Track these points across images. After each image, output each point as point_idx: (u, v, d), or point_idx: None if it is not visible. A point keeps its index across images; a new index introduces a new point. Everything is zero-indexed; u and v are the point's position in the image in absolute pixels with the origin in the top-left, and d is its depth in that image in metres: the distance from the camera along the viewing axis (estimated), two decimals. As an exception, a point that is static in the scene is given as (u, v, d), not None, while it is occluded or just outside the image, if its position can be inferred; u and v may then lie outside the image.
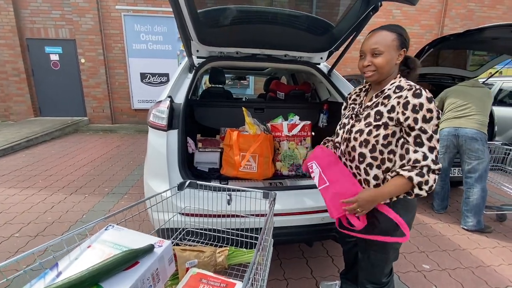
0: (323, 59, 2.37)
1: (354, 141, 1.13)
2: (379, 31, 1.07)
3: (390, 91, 1.06)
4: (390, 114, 1.03)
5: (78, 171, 4.02)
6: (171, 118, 1.67)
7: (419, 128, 0.97)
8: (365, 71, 1.09)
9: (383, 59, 1.04)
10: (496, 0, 7.74)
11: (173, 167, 1.67)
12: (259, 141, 1.74)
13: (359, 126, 1.12)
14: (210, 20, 1.95)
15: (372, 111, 1.10)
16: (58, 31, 6.96)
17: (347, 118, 1.23)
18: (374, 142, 1.06)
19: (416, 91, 0.98)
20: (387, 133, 1.04)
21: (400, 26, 1.08)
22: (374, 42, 1.05)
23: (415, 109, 0.96)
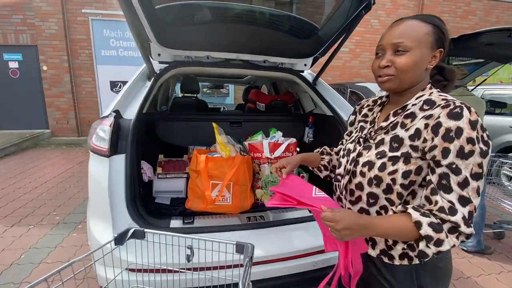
0: (307, 66, 2.08)
1: (361, 177, 0.80)
2: (408, 20, 0.74)
3: (416, 108, 0.74)
4: (413, 141, 0.71)
5: (28, 195, 3.44)
6: (115, 139, 1.28)
7: (448, 165, 0.64)
8: (380, 74, 0.76)
9: (409, 58, 0.71)
10: (468, 11, 8.03)
11: (118, 205, 1.27)
12: (234, 167, 1.38)
13: (369, 156, 0.80)
14: (173, 18, 1.60)
15: (387, 136, 0.78)
16: (19, 37, 6.31)
17: (352, 142, 0.90)
18: (389, 181, 0.74)
19: (455, 109, 0.65)
20: (408, 169, 0.71)
21: (438, 17, 0.76)
22: (399, 33, 0.72)
23: (449, 135, 0.64)
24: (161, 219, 1.36)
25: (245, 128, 2.13)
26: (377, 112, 0.90)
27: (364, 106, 0.98)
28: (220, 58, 1.91)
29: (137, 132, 1.41)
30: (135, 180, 1.35)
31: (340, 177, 0.89)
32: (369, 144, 0.83)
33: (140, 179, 1.50)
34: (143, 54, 1.58)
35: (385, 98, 0.92)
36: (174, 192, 1.64)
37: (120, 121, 1.34)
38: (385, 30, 0.78)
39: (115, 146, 1.28)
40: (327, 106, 1.88)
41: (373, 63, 0.80)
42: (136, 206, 1.32)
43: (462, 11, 8.03)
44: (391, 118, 0.80)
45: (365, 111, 0.96)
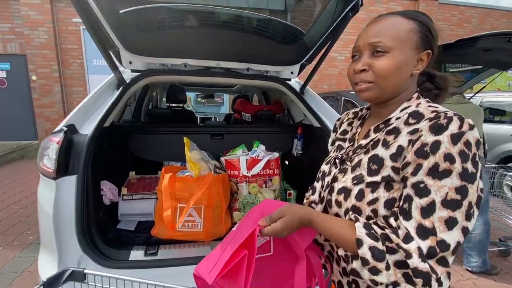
0: (294, 73, 1.94)
1: (336, 207, 0.65)
2: (388, 16, 0.62)
3: (400, 122, 0.60)
4: (395, 161, 0.57)
5: (3, 212, 3.24)
6: (64, 158, 1.11)
7: (415, 184, 0.52)
8: (357, 81, 0.63)
9: (389, 60, 0.58)
10: (463, 19, 8.03)
11: (67, 234, 1.09)
12: (204, 187, 1.21)
13: (344, 181, 0.65)
14: (142, 23, 1.46)
15: (365, 156, 0.63)
16: (7, 46, 6.20)
17: (328, 164, 0.74)
18: (369, 212, 0.59)
19: (441, 120, 0.52)
20: (392, 196, 0.57)
21: (424, 14, 0.63)
22: (376, 31, 0.60)
23: (423, 150, 0.52)
24: (121, 249, 1.18)
25: (228, 141, 1.97)
26: (357, 127, 0.74)
27: (344, 120, 0.81)
28: (199, 66, 1.76)
29: (96, 148, 1.24)
30: (91, 204, 1.18)
31: (315, 205, 0.72)
32: (345, 166, 0.68)
33: (101, 202, 1.33)
34: (109, 62, 1.43)
35: (365, 110, 0.76)
36: (142, 215, 1.46)
37: (73, 137, 1.18)
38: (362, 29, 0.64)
39: (64, 167, 1.11)
40: (314, 117, 1.72)
41: (349, 68, 0.65)
42: (90, 235, 1.14)
43: (457, 19, 8.04)
44: (372, 134, 0.65)
45: (345, 127, 0.80)
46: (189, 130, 1.89)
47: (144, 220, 1.46)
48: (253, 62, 1.81)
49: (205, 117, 4.62)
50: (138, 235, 1.28)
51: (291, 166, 2.18)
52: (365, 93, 0.62)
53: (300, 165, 2.06)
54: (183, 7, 1.52)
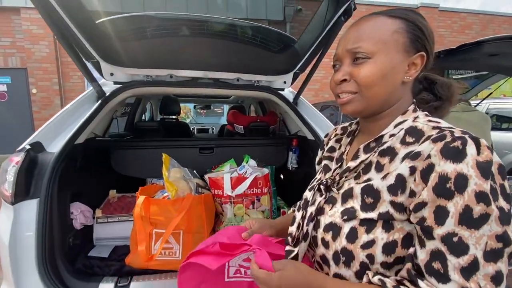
0: (287, 83, 1.84)
1: (323, 247, 0.53)
2: (370, 17, 0.53)
3: (395, 140, 0.50)
4: (395, 195, 0.45)
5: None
6: (25, 180, 1.00)
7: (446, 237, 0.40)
8: (339, 93, 0.54)
9: (372, 67, 0.49)
10: (464, 25, 7.97)
11: (26, 265, 0.97)
12: (183, 210, 1.08)
13: (332, 215, 0.53)
14: (121, 33, 1.38)
15: (357, 185, 0.51)
16: (8, 60, 6.27)
17: (311, 190, 0.61)
18: (364, 258, 0.47)
19: (453, 143, 0.41)
20: (392, 239, 0.46)
21: (414, 11, 0.53)
22: (356, 36, 0.52)
23: (445, 187, 0.40)
24: (89, 281, 1.05)
25: (218, 155, 1.85)
26: (346, 145, 0.63)
27: (332, 136, 0.70)
28: (186, 76, 1.67)
29: (66, 167, 1.13)
30: (56, 230, 1.06)
31: (291, 240, 0.59)
32: (333, 195, 0.55)
33: (70, 226, 1.21)
34: (85, 74, 1.34)
35: (355, 125, 0.65)
36: (119, 239, 1.33)
37: (38, 155, 1.07)
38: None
39: (25, 190, 1.00)
40: (308, 129, 1.60)
41: (330, 79, 0.55)
42: (54, 267, 1.01)
43: (459, 25, 7.98)
44: (362, 155, 0.54)
45: (332, 143, 0.68)
46: (176, 144, 1.78)
47: (122, 244, 1.34)
48: (243, 71, 1.71)
49: (202, 128, 4.54)
50: (110, 264, 1.15)
51: (287, 181, 2.05)
52: (348, 105, 0.52)
53: (296, 180, 1.93)
54: (165, 16, 1.45)
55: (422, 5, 7.66)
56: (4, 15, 6.07)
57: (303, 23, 1.66)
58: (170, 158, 1.23)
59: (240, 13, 3.88)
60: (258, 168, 1.38)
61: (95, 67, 1.51)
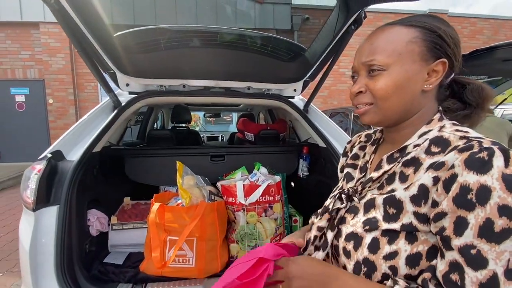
0: (297, 91, 1.85)
1: (344, 257, 0.52)
2: (385, 27, 0.52)
3: (420, 151, 0.49)
4: (418, 206, 0.44)
5: (8, 235, 3.22)
6: (46, 188, 1.03)
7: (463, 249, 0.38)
8: (356, 104, 0.55)
9: (386, 80, 0.49)
10: (475, 31, 7.86)
11: (45, 271, 0.99)
12: (197, 218, 1.09)
13: (354, 225, 0.52)
14: (138, 44, 1.43)
15: (380, 196, 0.50)
16: (26, 72, 6.55)
17: (331, 198, 0.61)
18: (386, 270, 0.45)
19: (479, 153, 0.39)
20: (416, 251, 0.44)
21: (433, 16, 0.52)
22: (370, 48, 0.51)
23: (465, 198, 0.39)
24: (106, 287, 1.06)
25: (229, 162, 1.87)
26: (370, 153, 0.62)
27: (356, 143, 0.69)
28: (198, 86, 1.71)
29: (84, 175, 1.17)
30: (74, 237, 1.09)
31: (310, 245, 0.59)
32: (355, 204, 0.55)
33: (87, 233, 1.23)
34: (103, 85, 1.39)
35: (379, 133, 0.64)
36: (134, 246, 1.35)
37: (59, 164, 1.11)
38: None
39: (45, 197, 1.03)
40: (319, 136, 1.60)
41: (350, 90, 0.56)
42: (72, 273, 1.03)
43: (469, 31, 7.88)
44: (385, 165, 0.53)
45: (356, 151, 0.67)
46: (187, 152, 1.81)
47: (136, 251, 1.35)
48: (254, 80, 1.74)
49: (212, 136, 4.58)
50: (125, 271, 1.16)
51: (298, 189, 2.04)
52: (365, 116, 0.53)
53: (307, 188, 1.92)
54: (178, 28, 1.50)
55: (430, 11, 7.63)
56: (24, 29, 6.37)
57: (310, 31, 1.69)
58: (184, 166, 1.25)
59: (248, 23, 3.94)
60: (270, 176, 1.39)
61: (111, 78, 1.57)
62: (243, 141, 2.34)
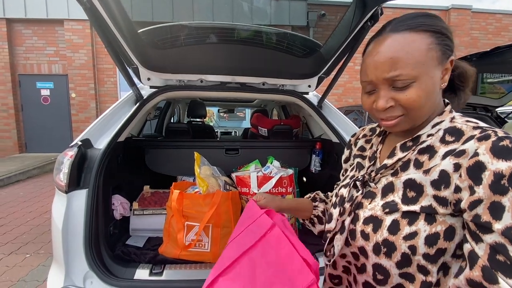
0: (312, 87, 1.87)
1: (362, 240, 0.55)
2: (394, 36, 0.51)
3: (434, 140, 0.52)
4: (438, 190, 0.47)
5: (35, 220, 3.44)
6: (77, 172, 1.12)
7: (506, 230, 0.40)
8: (384, 118, 0.54)
9: (418, 91, 0.49)
10: (500, 27, 7.50)
11: (75, 248, 1.08)
12: (214, 205, 1.16)
13: (372, 208, 0.55)
14: (159, 41, 1.51)
15: (397, 179, 0.54)
16: (51, 67, 6.87)
17: (347, 187, 0.64)
18: (406, 249, 0.49)
19: (501, 141, 0.43)
20: (435, 231, 0.47)
21: (429, 14, 0.53)
22: (391, 62, 0.50)
23: (500, 183, 0.41)
24: (127, 267, 1.15)
25: (243, 156, 1.92)
26: (377, 144, 0.65)
27: (360, 136, 0.73)
28: (214, 81, 1.77)
29: (109, 162, 1.25)
30: (101, 218, 1.18)
31: (330, 233, 0.63)
32: (371, 190, 0.58)
33: (111, 216, 1.33)
34: (126, 79, 1.48)
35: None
36: (153, 231, 1.43)
37: (88, 151, 1.20)
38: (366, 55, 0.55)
39: (76, 180, 1.12)
40: (332, 132, 1.63)
41: (365, 101, 0.57)
42: (98, 251, 1.13)
43: (494, 27, 7.53)
44: (399, 153, 0.55)
45: (362, 143, 0.71)
46: (204, 145, 1.88)
47: (155, 236, 1.44)
48: (269, 76, 1.78)
49: (225, 131, 4.67)
50: (145, 252, 1.25)
51: (309, 184, 2.07)
52: (396, 127, 0.54)
53: (319, 183, 1.94)
54: (198, 25, 1.56)
55: (453, 6, 7.34)
56: (50, 26, 6.68)
57: (326, 28, 1.70)
58: (201, 156, 1.31)
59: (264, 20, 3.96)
60: (283, 169, 1.43)
61: (134, 73, 1.65)
62: (256, 136, 2.39)
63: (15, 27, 6.65)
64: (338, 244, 0.60)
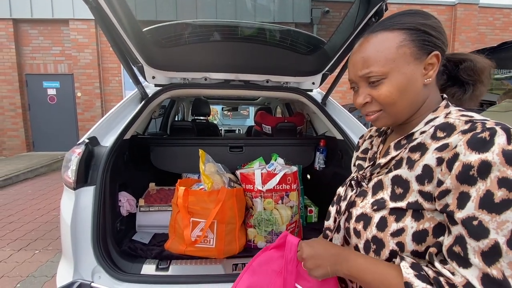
0: (316, 84, 1.87)
1: (355, 237, 0.56)
2: (369, 36, 0.53)
3: (425, 136, 0.51)
4: (423, 184, 0.47)
5: (43, 217, 3.50)
6: (84, 169, 1.15)
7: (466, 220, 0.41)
8: (366, 113, 0.57)
9: (389, 87, 0.51)
10: (508, 22, 7.37)
11: (83, 244, 1.11)
12: (219, 202, 1.17)
13: (363, 206, 0.56)
14: (164, 39, 1.52)
15: (386, 177, 0.54)
16: (57, 66, 6.94)
17: (343, 186, 0.66)
18: (394, 246, 0.49)
19: (481, 133, 0.42)
20: (422, 228, 0.47)
21: (414, 11, 0.54)
22: (362, 62, 0.53)
23: (468, 174, 0.41)
24: (134, 262, 1.17)
25: (247, 153, 1.93)
26: (378, 145, 0.65)
27: (366, 138, 0.73)
28: (219, 79, 1.78)
29: (116, 160, 1.27)
30: (108, 215, 1.20)
31: (329, 232, 0.64)
32: (364, 188, 0.59)
33: (118, 213, 1.35)
34: (132, 77, 1.49)
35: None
36: (158, 227, 1.45)
37: (95, 149, 1.22)
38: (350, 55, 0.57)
39: (84, 177, 1.15)
40: (337, 129, 1.63)
41: (353, 98, 0.58)
42: (105, 246, 1.15)
43: (501, 22, 7.39)
44: (392, 152, 0.56)
45: (366, 145, 0.71)
46: (208, 143, 1.89)
47: (161, 232, 1.46)
48: (272, 73, 1.78)
49: (229, 129, 4.68)
50: (151, 248, 1.27)
51: (313, 181, 2.07)
52: (378, 122, 0.56)
53: (323, 180, 1.95)
54: (202, 23, 1.56)
55: (460, 1, 7.22)
56: (55, 26, 6.75)
57: (330, 25, 1.69)
58: (206, 154, 1.32)
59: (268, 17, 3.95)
60: (287, 166, 1.44)
61: (139, 71, 1.67)
62: (260, 134, 2.39)
63: (22, 27, 6.74)
64: (337, 243, 0.62)
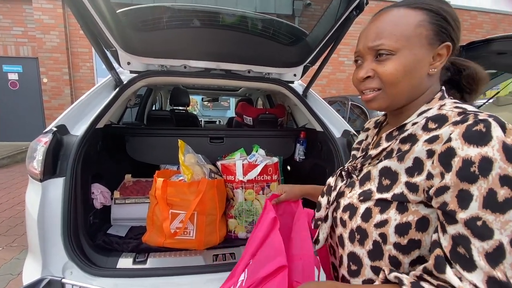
0: (297, 76, 1.87)
1: (341, 227, 0.56)
2: (390, 10, 0.51)
3: (417, 128, 0.50)
4: (411, 176, 0.46)
5: (7, 212, 3.26)
6: (52, 160, 1.07)
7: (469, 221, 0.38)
8: (363, 90, 0.54)
9: (396, 64, 0.49)
10: (475, 24, 7.85)
11: (53, 239, 1.04)
12: (199, 193, 1.15)
13: (350, 197, 0.56)
14: (140, 23, 1.43)
15: (375, 168, 0.54)
16: (19, 49, 6.37)
17: (333, 176, 0.65)
18: (377, 237, 0.49)
19: (476, 126, 0.40)
20: (405, 221, 0.46)
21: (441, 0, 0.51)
22: (377, 32, 0.50)
23: (468, 171, 0.39)
24: (109, 256, 1.12)
25: (228, 144, 1.91)
26: (372, 136, 0.66)
27: (364, 129, 0.73)
28: (199, 67, 1.72)
29: (88, 150, 1.20)
30: (80, 208, 1.13)
31: (320, 222, 0.65)
32: (353, 180, 0.59)
33: (91, 205, 1.28)
34: (105, 62, 1.40)
35: (383, 116, 0.67)
36: (135, 220, 1.40)
37: (63, 138, 1.14)
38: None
39: (52, 168, 1.07)
40: (317, 121, 1.65)
41: (353, 76, 0.56)
42: (77, 240, 1.09)
43: (469, 24, 7.86)
44: (383, 143, 0.55)
45: (362, 136, 0.71)
46: (188, 133, 1.84)
47: (138, 225, 1.41)
48: (254, 63, 1.75)
49: (209, 120, 4.60)
50: (128, 241, 1.22)
51: (294, 172, 2.10)
52: (373, 103, 0.53)
53: (303, 171, 1.98)
54: (182, 7, 1.49)
55: (433, 2, 7.56)
56: (16, 4, 6.15)
57: (312, 17, 1.69)
58: (185, 144, 1.29)
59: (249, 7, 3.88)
60: (268, 157, 1.44)
61: (113, 56, 1.57)
62: (241, 125, 2.37)
63: (-24, 3, 6.07)
64: (324, 232, 0.62)
